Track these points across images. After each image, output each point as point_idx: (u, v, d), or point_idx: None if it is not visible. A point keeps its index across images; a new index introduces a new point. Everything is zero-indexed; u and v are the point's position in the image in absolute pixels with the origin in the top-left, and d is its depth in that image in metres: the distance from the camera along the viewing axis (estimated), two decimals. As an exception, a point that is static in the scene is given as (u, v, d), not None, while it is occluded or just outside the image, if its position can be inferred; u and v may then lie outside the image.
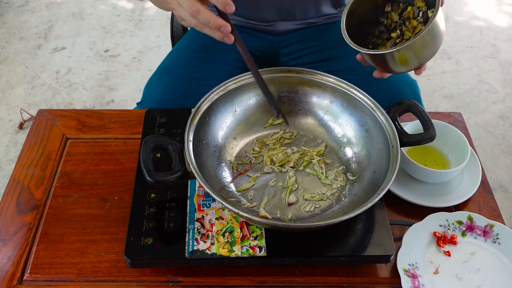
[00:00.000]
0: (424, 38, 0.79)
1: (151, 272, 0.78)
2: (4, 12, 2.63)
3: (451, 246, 0.82)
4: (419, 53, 0.81)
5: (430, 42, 0.81)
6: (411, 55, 0.81)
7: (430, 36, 0.79)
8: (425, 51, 0.82)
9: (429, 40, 0.80)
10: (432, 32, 0.79)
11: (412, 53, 0.81)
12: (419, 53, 0.81)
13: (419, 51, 0.81)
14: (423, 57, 0.83)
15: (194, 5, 0.75)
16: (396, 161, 0.78)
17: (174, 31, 1.37)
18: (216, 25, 0.75)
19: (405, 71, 0.86)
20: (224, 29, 0.76)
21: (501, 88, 2.28)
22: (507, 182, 1.88)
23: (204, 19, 0.75)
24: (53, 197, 0.88)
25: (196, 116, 0.84)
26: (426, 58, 0.83)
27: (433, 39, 0.81)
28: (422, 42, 0.80)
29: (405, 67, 0.84)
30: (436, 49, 0.83)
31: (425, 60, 0.84)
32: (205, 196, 0.83)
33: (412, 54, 0.81)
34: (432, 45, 0.81)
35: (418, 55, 0.82)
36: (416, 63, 0.83)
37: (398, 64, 0.83)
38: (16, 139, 1.99)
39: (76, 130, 0.99)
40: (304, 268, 0.79)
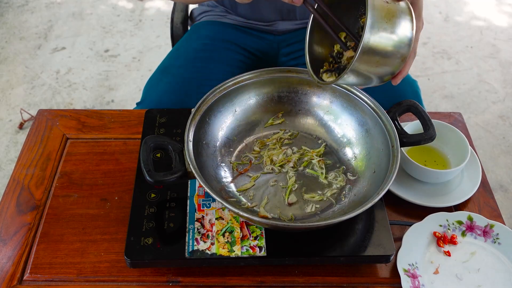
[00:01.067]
0: (358, 66, 0.71)
1: (151, 272, 0.78)
2: (4, 12, 2.63)
3: (451, 246, 0.82)
4: (371, 72, 0.73)
5: (372, 63, 0.72)
6: (362, 76, 0.74)
7: (365, 60, 0.71)
8: (376, 69, 0.73)
9: (369, 63, 0.71)
10: (366, 57, 0.70)
11: (362, 75, 0.73)
12: (371, 72, 0.73)
13: (368, 71, 0.73)
14: (381, 72, 0.74)
15: None
16: (396, 161, 0.78)
17: (174, 31, 1.37)
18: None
19: (376, 84, 0.78)
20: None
21: (501, 88, 2.28)
22: (507, 182, 1.88)
23: None
24: (53, 197, 0.88)
25: (196, 116, 0.84)
26: (385, 71, 0.74)
27: (373, 59, 0.71)
28: (361, 68, 0.71)
29: (373, 83, 0.77)
30: (394, 61, 0.73)
31: (388, 72, 0.75)
32: (205, 196, 0.83)
33: (362, 76, 0.74)
34: (380, 61, 0.72)
35: (372, 74, 0.74)
36: (379, 78, 0.76)
37: (363, 82, 0.77)
38: (16, 139, 1.99)
39: (76, 130, 0.99)
40: (304, 268, 0.79)
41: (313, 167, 0.88)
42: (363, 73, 0.73)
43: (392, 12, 0.70)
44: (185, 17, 1.37)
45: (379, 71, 0.74)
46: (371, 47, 0.69)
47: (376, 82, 0.77)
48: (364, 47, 0.69)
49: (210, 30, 1.22)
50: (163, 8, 2.70)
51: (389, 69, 0.74)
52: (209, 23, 1.24)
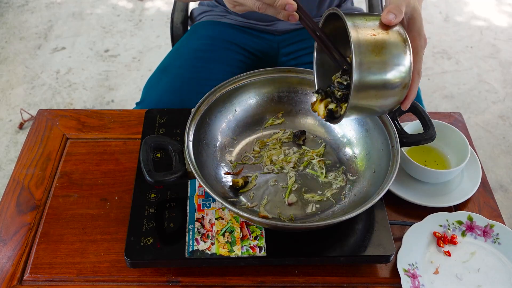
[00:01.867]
0: (357, 103, 0.70)
1: (151, 272, 0.78)
2: (4, 12, 2.63)
3: (451, 246, 0.82)
4: (373, 105, 0.72)
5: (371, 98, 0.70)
6: (366, 111, 0.73)
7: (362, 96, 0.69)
8: (378, 102, 0.71)
9: (367, 98, 0.70)
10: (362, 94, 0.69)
11: (364, 110, 0.73)
12: (373, 105, 0.72)
13: (369, 105, 0.72)
14: (384, 104, 0.72)
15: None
16: (396, 161, 0.78)
17: (174, 31, 1.37)
18: (282, 4, 0.73)
19: (387, 110, 0.75)
20: (289, 7, 0.73)
21: (501, 88, 2.28)
22: (507, 182, 1.88)
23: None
24: (53, 197, 0.88)
25: (196, 116, 0.84)
26: (389, 102, 0.72)
27: (371, 94, 0.70)
28: (360, 104, 0.70)
29: (381, 110, 0.75)
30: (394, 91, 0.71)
31: (392, 101, 0.73)
32: (205, 196, 0.83)
33: (365, 110, 0.73)
34: (379, 94, 0.70)
35: (375, 107, 0.72)
36: (384, 108, 0.74)
37: (370, 115, 0.77)
38: (16, 139, 1.99)
39: (76, 130, 0.99)
40: (304, 268, 0.79)
41: (313, 167, 0.88)
42: (364, 108, 0.72)
43: (381, 43, 0.68)
44: (185, 17, 1.37)
45: (382, 103, 0.72)
46: (364, 84, 0.68)
47: (382, 111, 0.75)
48: (356, 86, 0.67)
49: (210, 30, 1.22)
50: (163, 8, 2.70)
51: (392, 99, 0.72)
52: (209, 23, 1.24)
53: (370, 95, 0.70)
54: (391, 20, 0.70)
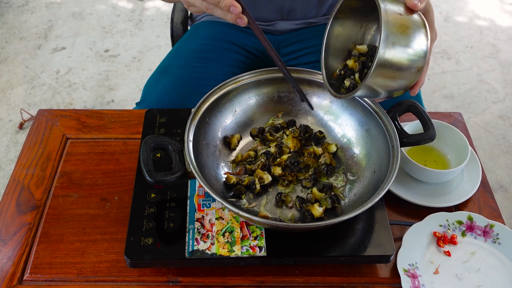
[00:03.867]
0: (374, 80, 0.72)
1: (151, 272, 0.78)
2: (4, 12, 2.63)
3: (451, 246, 0.82)
4: (387, 85, 0.74)
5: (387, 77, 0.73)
6: (379, 90, 0.75)
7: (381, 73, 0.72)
8: (392, 82, 0.74)
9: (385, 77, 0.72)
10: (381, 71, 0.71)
11: (378, 88, 0.74)
12: (387, 85, 0.74)
13: (383, 85, 0.74)
14: (397, 85, 0.75)
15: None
16: (396, 161, 0.78)
17: (174, 31, 1.37)
18: (226, 4, 0.74)
19: (397, 94, 0.78)
20: (234, 10, 0.74)
21: (501, 88, 2.28)
22: (507, 182, 1.88)
23: (214, 0, 0.74)
24: (53, 197, 0.88)
25: (196, 116, 0.84)
26: (402, 84, 0.75)
27: (389, 72, 0.72)
28: (376, 82, 0.73)
29: (392, 92, 0.77)
30: (410, 74, 0.74)
31: (404, 84, 0.76)
32: (205, 196, 0.83)
33: (378, 89, 0.75)
34: (396, 74, 0.73)
35: (388, 87, 0.75)
36: (395, 91, 0.77)
37: (380, 95, 0.77)
38: (16, 139, 1.99)
39: (76, 130, 0.99)
40: (304, 268, 0.79)
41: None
42: (379, 87, 0.74)
43: (406, 24, 0.72)
44: (185, 17, 1.37)
45: (395, 84, 0.75)
46: (386, 60, 0.71)
47: (393, 94, 0.77)
48: (379, 61, 0.70)
49: (210, 30, 1.22)
50: (163, 8, 2.70)
51: (405, 82, 0.75)
52: (209, 23, 1.24)
53: (387, 74, 0.72)
54: (416, 5, 0.73)
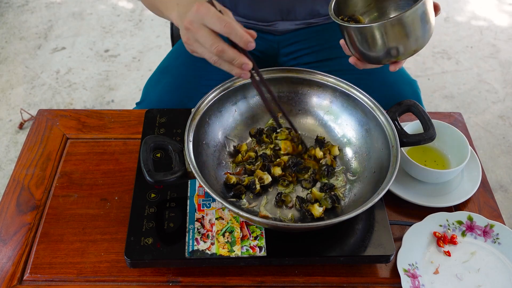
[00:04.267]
0: (414, 15, 0.76)
1: (151, 272, 0.78)
2: (4, 12, 2.63)
3: (451, 246, 0.82)
4: (405, 35, 0.78)
5: (418, 24, 0.77)
6: (396, 35, 0.78)
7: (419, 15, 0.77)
8: (412, 33, 0.78)
9: (418, 21, 0.77)
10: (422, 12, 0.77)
11: (397, 33, 0.77)
12: (405, 35, 0.78)
13: (405, 31, 0.77)
14: (407, 42, 0.79)
15: (219, 44, 0.73)
16: (396, 161, 0.78)
17: (174, 31, 1.37)
18: (239, 63, 0.75)
19: (383, 61, 0.82)
20: (245, 67, 0.75)
21: (501, 88, 2.28)
22: (507, 182, 1.88)
23: (229, 57, 0.74)
24: (53, 197, 0.88)
25: (196, 116, 0.84)
26: (410, 45, 0.79)
27: (423, 20, 0.77)
28: (412, 19, 0.76)
29: (382, 55, 0.81)
30: (422, 38, 0.79)
31: (410, 47, 0.80)
32: (205, 196, 0.83)
33: (397, 34, 0.77)
34: (421, 27, 0.78)
35: (402, 38, 0.78)
36: (398, 49, 0.80)
37: (381, 45, 0.79)
38: (16, 139, 1.99)
39: (76, 130, 0.99)
40: (304, 268, 0.79)
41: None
42: (404, 29, 0.77)
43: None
44: (185, 17, 1.37)
45: (415, 37, 0.78)
46: (425, 10, 0.76)
47: (402, 50, 0.80)
48: (422, 4, 0.75)
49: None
50: (163, 8, 2.69)
51: (417, 43, 0.79)
52: (209, 23, 1.24)
53: (419, 21, 0.77)
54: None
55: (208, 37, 0.74)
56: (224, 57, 0.74)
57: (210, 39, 0.74)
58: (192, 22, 0.74)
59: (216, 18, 0.73)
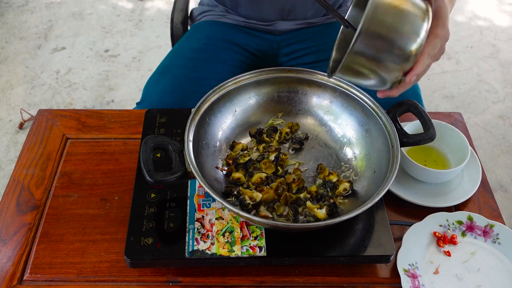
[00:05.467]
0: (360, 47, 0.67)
1: (151, 272, 0.78)
2: (4, 12, 2.63)
3: (451, 246, 0.82)
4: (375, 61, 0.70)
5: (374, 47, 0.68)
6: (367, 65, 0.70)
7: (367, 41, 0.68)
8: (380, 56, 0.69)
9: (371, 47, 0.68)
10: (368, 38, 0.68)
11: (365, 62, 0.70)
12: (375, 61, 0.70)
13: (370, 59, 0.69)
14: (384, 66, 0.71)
15: None
16: (396, 161, 0.78)
17: (174, 31, 1.37)
18: None
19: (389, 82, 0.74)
20: None
21: (501, 88, 2.28)
22: (507, 182, 1.88)
23: None
24: (53, 197, 0.88)
25: (196, 116, 0.84)
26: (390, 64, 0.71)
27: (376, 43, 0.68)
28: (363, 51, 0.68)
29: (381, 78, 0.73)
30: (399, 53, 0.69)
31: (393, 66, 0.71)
32: (205, 196, 0.83)
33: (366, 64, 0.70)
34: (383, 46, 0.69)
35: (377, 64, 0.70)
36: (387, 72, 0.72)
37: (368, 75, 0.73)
38: (16, 139, 1.99)
39: (76, 130, 0.99)
40: (304, 268, 0.79)
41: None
42: (361, 65, 0.70)
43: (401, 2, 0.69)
44: (185, 17, 1.37)
45: (383, 63, 0.70)
46: (372, 29, 0.67)
47: (384, 77, 0.73)
48: (364, 29, 0.66)
49: (210, 30, 1.22)
50: (163, 8, 2.70)
51: (394, 64, 0.70)
52: (209, 23, 1.24)
53: (374, 45, 0.68)
54: None
55: None
56: None
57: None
58: None
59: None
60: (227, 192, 0.82)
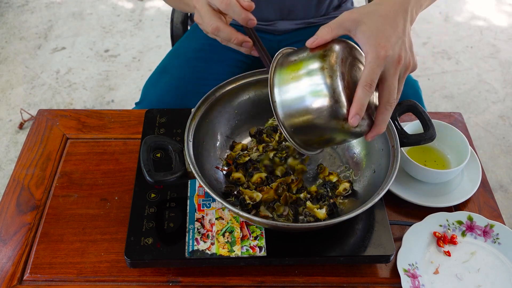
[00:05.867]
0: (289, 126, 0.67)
1: (151, 272, 0.78)
2: (4, 12, 2.63)
3: (451, 246, 0.82)
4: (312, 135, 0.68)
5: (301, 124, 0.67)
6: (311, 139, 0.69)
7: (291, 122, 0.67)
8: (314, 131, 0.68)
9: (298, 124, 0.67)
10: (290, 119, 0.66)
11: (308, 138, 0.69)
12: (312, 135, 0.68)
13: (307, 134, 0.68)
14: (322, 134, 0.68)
15: (214, 22, 0.73)
16: (396, 161, 0.78)
17: (174, 31, 1.37)
18: (237, 41, 0.74)
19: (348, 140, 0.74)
20: (246, 45, 0.75)
21: (501, 88, 2.28)
22: (507, 182, 1.88)
23: (225, 35, 0.74)
24: (53, 197, 0.88)
25: (196, 116, 0.84)
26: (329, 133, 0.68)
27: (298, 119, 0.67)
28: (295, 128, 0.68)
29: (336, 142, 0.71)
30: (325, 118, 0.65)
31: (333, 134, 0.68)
32: (205, 196, 0.83)
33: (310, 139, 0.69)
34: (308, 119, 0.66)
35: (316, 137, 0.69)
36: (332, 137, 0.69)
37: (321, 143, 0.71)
38: (16, 139, 1.99)
39: (76, 130, 0.99)
40: (304, 268, 0.79)
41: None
42: (306, 136, 0.68)
43: (297, 66, 0.67)
44: (185, 17, 1.37)
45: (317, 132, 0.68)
46: (285, 103, 0.66)
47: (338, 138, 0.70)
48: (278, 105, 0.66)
49: (210, 30, 1.22)
50: (163, 8, 2.70)
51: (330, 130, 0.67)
52: (209, 23, 1.24)
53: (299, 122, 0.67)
54: (308, 43, 0.68)
55: (206, 14, 0.74)
56: (221, 35, 0.74)
57: (208, 16, 0.73)
58: (199, 0, 0.75)
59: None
60: (227, 192, 0.83)
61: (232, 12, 0.73)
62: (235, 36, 0.74)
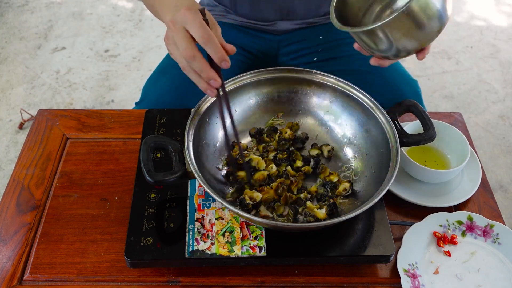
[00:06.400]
0: (413, 10, 0.70)
1: (151, 272, 0.78)
2: (4, 12, 2.63)
3: (451, 246, 0.82)
4: (412, 28, 0.73)
5: (422, 15, 0.71)
6: (403, 31, 0.73)
7: (420, 7, 0.71)
8: (420, 27, 0.73)
9: (421, 13, 0.71)
10: (421, 4, 0.71)
11: (404, 29, 0.73)
12: (412, 28, 0.73)
13: (411, 26, 0.72)
14: (420, 35, 0.74)
15: (191, 50, 0.71)
16: (396, 161, 0.78)
17: (174, 31, 1.36)
18: (207, 77, 0.73)
19: (404, 54, 0.78)
20: (214, 83, 0.73)
21: (501, 88, 2.28)
22: (507, 182, 1.88)
23: (197, 67, 0.72)
24: (53, 197, 0.88)
25: (196, 116, 0.84)
26: (424, 36, 0.74)
27: (426, 12, 0.72)
28: (412, 15, 0.71)
29: (402, 48, 0.76)
30: (434, 27, 0.73)
31: (424, 39, 0.75)
32: (205, 196, 0.83)
33: (404, 30, 0.73)
34: (427, 20, 0.72)
35: (412, 32, 0.73)
36: (413, 43, 0.75)
37: (393, 43, 0.75)
38: (16, 139, 1.99)
39: (76, 130, 0.99)
40: (304, 268, 0.79)
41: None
42: (403, 30, 0.73)
43: None
44: (185, 17, 1.37)
45: (417, 35, 0.74)
46: (424, 2, 0.71)
47: (408, 47, 0.76)
48: None
49: (210, 30, 1.22)
50: (163, 8, 2.69)
51: (425, 37, 0.75)
52: (209, 23, 1.24)
53: (420, 16, 0.72)
54: None
55: (183, 40, 0.72)
56: (194, 65, 0.72)
57: (185, 43, 0.71)
58: (175, 22, 0.73)
59: (199, 26, 0.71)
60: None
61: (210, 48, 0.71)
62: (207, 70, 0.72)
